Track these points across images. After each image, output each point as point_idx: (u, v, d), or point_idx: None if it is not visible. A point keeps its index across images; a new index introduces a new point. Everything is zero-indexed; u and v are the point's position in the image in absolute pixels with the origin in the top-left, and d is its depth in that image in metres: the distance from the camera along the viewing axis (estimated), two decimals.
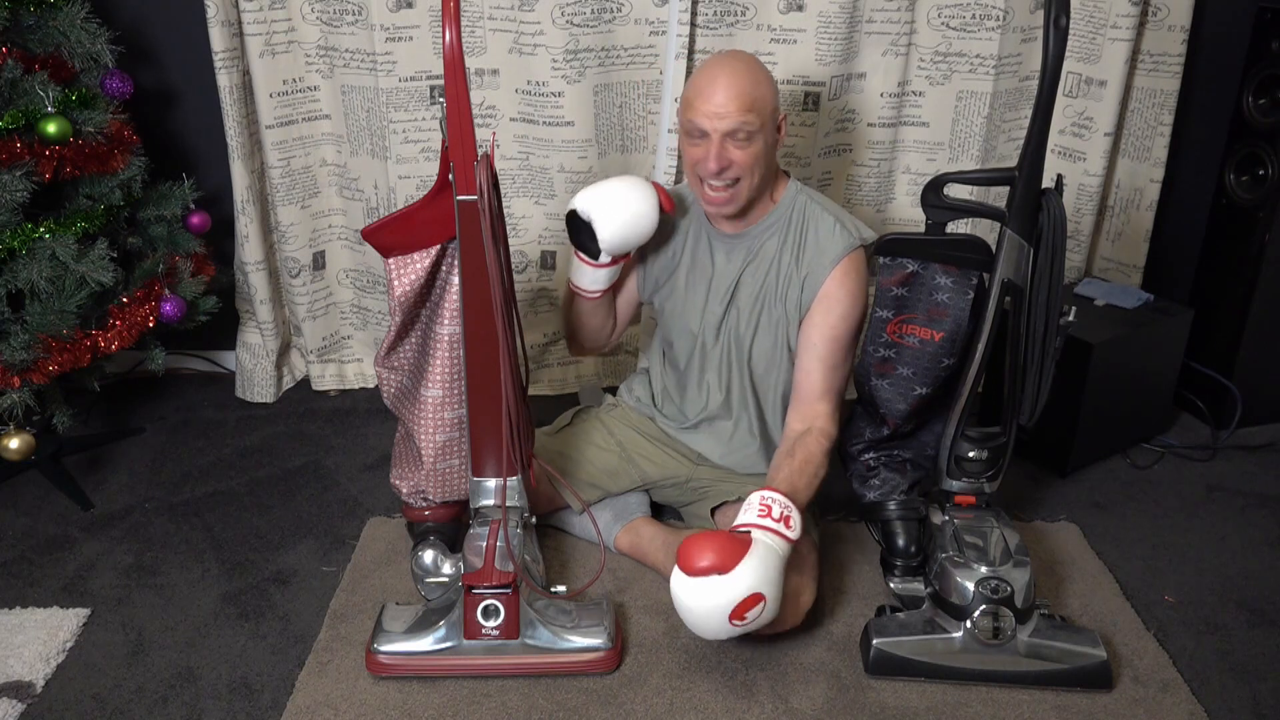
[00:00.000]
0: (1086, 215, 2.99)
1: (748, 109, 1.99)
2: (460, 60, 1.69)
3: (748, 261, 2.19)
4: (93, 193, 2.49)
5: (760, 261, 2.18)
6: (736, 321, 2.22)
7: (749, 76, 2.01)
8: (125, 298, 2.50)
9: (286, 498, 2.60)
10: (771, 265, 2.17)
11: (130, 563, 2.35)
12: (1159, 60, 2.84)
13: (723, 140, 2.01)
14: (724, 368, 2.27)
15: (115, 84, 2.50)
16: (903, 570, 2.18)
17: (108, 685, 1.99)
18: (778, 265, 2.16)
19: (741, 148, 2.02)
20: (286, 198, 2.87)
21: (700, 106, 2.01)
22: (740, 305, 2.20)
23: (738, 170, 2.04)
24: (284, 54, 2.74)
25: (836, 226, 2.13)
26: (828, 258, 2.11)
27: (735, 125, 1.99)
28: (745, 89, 1.99)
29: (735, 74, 2.00)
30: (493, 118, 2.79)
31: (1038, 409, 2.05)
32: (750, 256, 2.19)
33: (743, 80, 2.00)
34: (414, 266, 1.92)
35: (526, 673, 1.99)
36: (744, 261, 2.19)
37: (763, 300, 2.18)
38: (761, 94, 2.02)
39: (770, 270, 2.17)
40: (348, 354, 3.17)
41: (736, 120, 1.99)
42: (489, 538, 1.97)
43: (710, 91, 2.00)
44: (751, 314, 2.19)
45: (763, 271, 2.18)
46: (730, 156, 2.02)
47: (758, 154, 2.04)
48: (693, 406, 2.35)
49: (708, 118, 2.00)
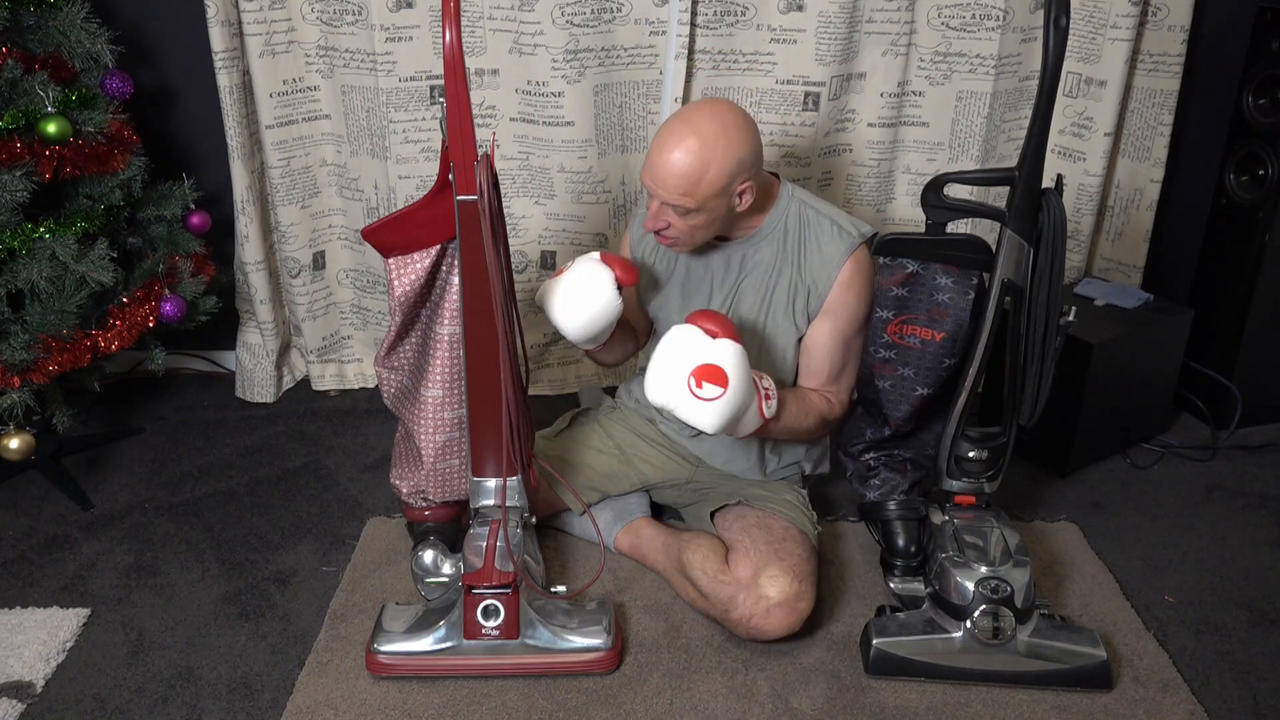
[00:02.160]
0: (1086, 215, 2.99)
1: (685, 193, 1.94)
2: (460, 60, 1.69)
3: (745, 271, 2.16)
4: (93, 193, 2.49)
5: (758, 270, 2.15)
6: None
7: (699, 158, 1.92)
8: (125, 298, 2.50)
9: (286, 498, 2.60)
10: (770, 274, 2.14)
11: (130, 563, 2.35)
12: (1159, 60, 2.84)
13: (661, 206, 2.00)
14: None
15: (115, 84, 2.49)
16: (903, 570, 2.18)
17: (108, 685, 1.99)
18: (777, 274, 2.13)
19: (680, 216, 2.00)
20: (286, 198, 2.87)
21: (648, 166, 1.98)
22: (741, 314, 2.18)
23: (675, 234, 2.04)
24: (284, 54, 2.74)
25: (835, 229, 2.10)
26: (833, 265, 2.09)
27: (673, 201, 1.97)
28: (690, 171, 1.92)
29: (687, 152, 1.92)
30: (493, 117, 2.79)
31: (1038, 409, 2.05)
32: (747, 265, 2.16)
33: (691, 162, 1.92)
34: (414, 266, 1.91)
35: (526, 673, 1.99)
36: (741, 270, 2.17)
37: (764, 309, 2.16)
38: (710, 177, 1.94)
39: (770, 279, 2.14)
40: (348, 354, 3.16)
41: (674, 198, 1.96)
42: (489, 538, 1.97)
43: (659, 159, 1.95)
44: (755, 322, 2.17)
45: (762, 281, 2.15)
46: (668, 218, 2.01)
47: (697, 225, 2.02)
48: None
49: (651, 180, 1.98)
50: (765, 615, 2.00)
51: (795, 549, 2.10)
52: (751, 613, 2.01)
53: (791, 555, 2.07)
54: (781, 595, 2.00)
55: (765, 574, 2.02)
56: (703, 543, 2.15)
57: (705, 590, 2.08)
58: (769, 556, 2.05)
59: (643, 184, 2.01)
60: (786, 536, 2.12)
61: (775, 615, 2.00)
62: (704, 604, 2.11)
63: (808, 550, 2.13)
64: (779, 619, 2.01)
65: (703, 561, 2.10)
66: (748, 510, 2.21)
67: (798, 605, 2.03)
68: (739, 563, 2.06)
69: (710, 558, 2.10)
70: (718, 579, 2.06)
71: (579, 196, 2.85)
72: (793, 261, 2.12)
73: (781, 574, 2.02)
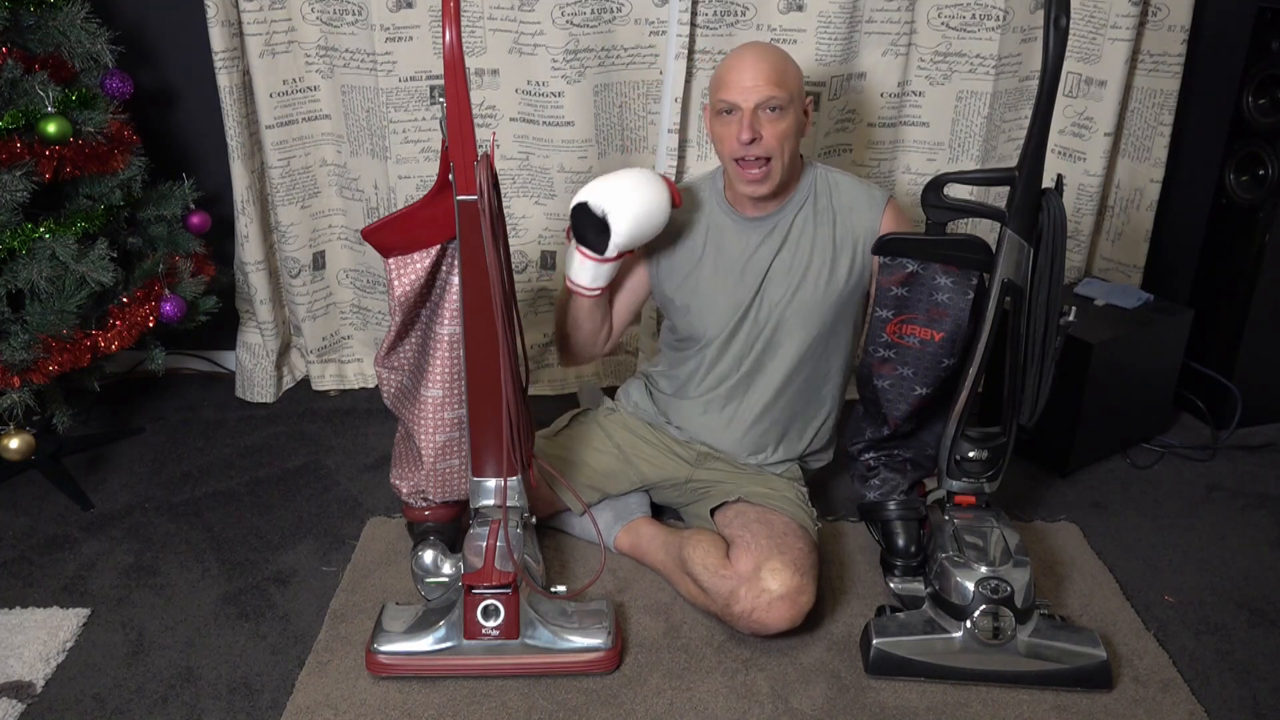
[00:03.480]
0: (1086, 215, 2.98)
1: (777, 84, 2.04)
2: (460, 60, 1.69)
3: (781, 244, 2.20)
4: (93, 193, 2.49)
5: (793, 242, 2.20)
6: (773, 305, 2.22)
7: (777, 55, 2.09)
8: (125, 298, 2.50)
9: (286, 498, 2.60)
10: (804, 241, 2.19)
11: (130, 563, 2.35)
12: (1159, 60, 2.84)
13: (754, 113, 2.05)
14: (751, 346, 2.26)
15: (115, 84, 2.50)
16: (903, 570, 2.18)
17: (108, 685, 1.99)
18: (813, 240, 2.19)
19: (772, 122, 2.06)
20: (286, 198, 2.87)
21: (731, 82, 2.06)
22: (775, 287, 2.20)
23: (768, 145, 2.07)
24: (284, 54, 2.74)
25: (862, 187, 2.22)
26: (875, 215, 2.19)
27: (765, 97, 2.03)
28: (774, 66, 2.06)
29: (763, 53, 2.07)
30: (493, 118, 2.79)
31: (1038, 409, 2.05)
32: (782, 238, 2.20)
33: (772, 58, 2.07)
34: (414, 266, 1.91)
35: (526, 673, 1.99)
36: (778, 244, 2.20)
37: (803, 279, 2.19)
38: (789, 71, 2.09)
39: (808, 247, 2.19)
40: (348, 354, 3.16)
41: (766, 92, 2.03)
42: (489, 538, 1.96)
43: (740, 68, 2.06)
44: (790, 295, 2.20)
45: (803, 250, 2.19)
46: (761, 129, 2.05)
47: (787, 130, 2.08)
48: (710, 380, 2.31)
49: (739, 92, 2.05)
50: (767, 608, 2.01)
51: (796, 543, 2.10)
52: (753, 606, 2.01)
53: (793, 549, 2.08)
54: (783, 588, 2.01)
55: (767, 567, 2.02)
56: (704, 539, 2.15)
57: (706, 585, 2.08)
58: (770, 550, 2.05)
59: (719, 109, 2.10)
60: (787, 531, 2.13)
61: (777, 608, 2.01)
62: (705, 600, 2.11)
63: (809, 544, 2.14)
64: (780, 612, 2.01)
65: (704, 557, 2.10)
66: (748, 506, 2.21)
67: (799, 599, 2.03)
68: (740, 557, 2.07)
69: (711, 553, 2.10)
70: (719, 573, 2.06)
71: None
72: (829, 223, 2.20)
73: (783, 567, 2.02)
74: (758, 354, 2.25)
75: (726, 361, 2.28)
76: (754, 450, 2.33)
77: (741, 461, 2.34)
